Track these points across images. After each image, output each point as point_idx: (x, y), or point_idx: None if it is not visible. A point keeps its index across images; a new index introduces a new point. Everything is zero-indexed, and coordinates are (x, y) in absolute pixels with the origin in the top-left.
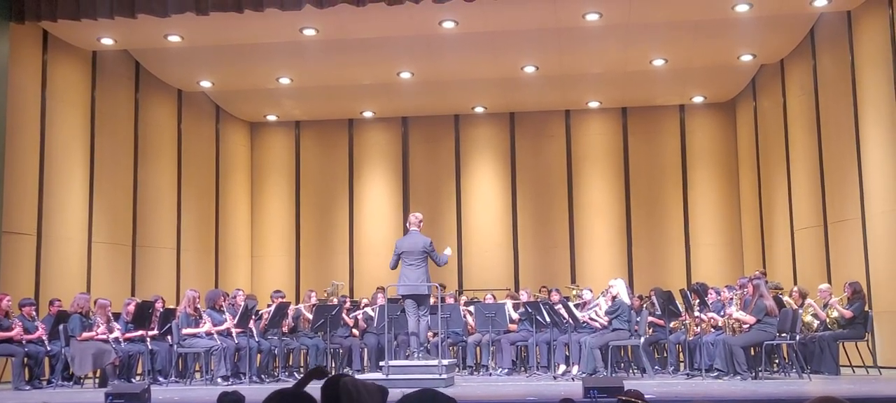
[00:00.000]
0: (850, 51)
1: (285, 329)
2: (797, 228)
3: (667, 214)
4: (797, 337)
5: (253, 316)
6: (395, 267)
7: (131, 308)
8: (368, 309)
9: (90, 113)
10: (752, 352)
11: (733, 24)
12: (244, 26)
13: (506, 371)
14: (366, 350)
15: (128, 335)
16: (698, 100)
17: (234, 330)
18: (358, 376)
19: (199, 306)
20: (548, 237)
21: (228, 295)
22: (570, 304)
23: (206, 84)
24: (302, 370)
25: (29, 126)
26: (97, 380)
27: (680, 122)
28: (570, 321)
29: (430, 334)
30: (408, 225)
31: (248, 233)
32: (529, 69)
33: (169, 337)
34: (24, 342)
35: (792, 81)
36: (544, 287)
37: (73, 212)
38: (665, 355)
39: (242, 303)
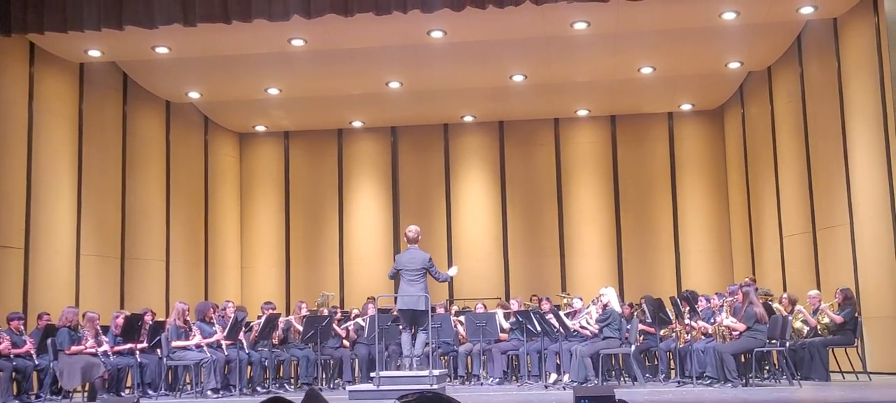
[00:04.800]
0: (836, 57)
1: (275, 340)
2: (786, 235)
3: (656, 222)
4: (787, 344)
5: (243, 328)
6: (393, 277)
7: (120, 321)
8: (359, 320)
9: (78, 125)
10: (743, 359)
11: (720, 31)
12: (232, 37)
13: (497, 380)
14: (357, 360)
15: (117, 348)
16: (686, 107)
17: (223, 342)
18: (349, 387)
19: (188, 318)
20: (538, 245)
21: (218, 307)
22: (561, 313)
23: (194, 95)
24: (292, 381)
25: (16, 138)
26: (86, 394)
27: (668, 130)
28: (561, 329)
29: (423, 348)
30: (406, 238)
31: (238, 245)
32: (518, 78)
33: (158, 350)
34: (11, 356)
35: (779, 88)
36: (535, 295)
37: (61, 225)
38: (656, 363)
39: (232, 315)
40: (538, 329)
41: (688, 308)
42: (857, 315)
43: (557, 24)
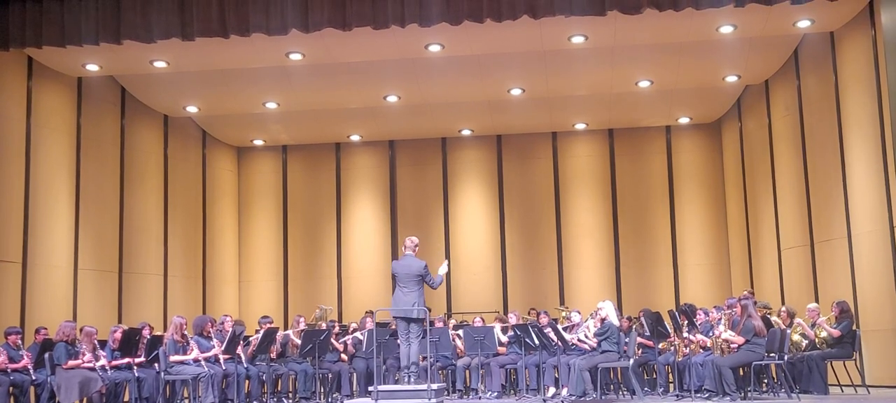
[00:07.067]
0: (833, 71)
1: (273, 354)
2: (784, 248)
3: (654, 235)
4: (785, 357)
5: (241, 342)
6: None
7: (118, 335)
8: (357, 334)
9: (76, 139)
10: (741, 373)
11: (718, 45)
12: (230, 51)
13: (495, 394)
14: (355, 374)
15: (114, 362)
16: (684, 120)
17: (221, 357)
18: (347, 401)
19: (186, 332)
20: (536, 259)
21: (216, 322)
22: (559, 326)
23: (192, 109)
24: (290, 396)
25: (14, 152)
26: None
27: (666, 143)
28: (559, 343)
29: (419, 358)
30: (403, 248)
31: (236, 258)
32: (516, 91)
33: (156, 365)
34: (9, 371)
35: (777, 102)
36: (533, 309)
37: (58, 239)
38: (654, 376)
39: (230, 329)
40: (536, 342)
41: (686, 321)
42: (855, 328)
43: (555, 37)
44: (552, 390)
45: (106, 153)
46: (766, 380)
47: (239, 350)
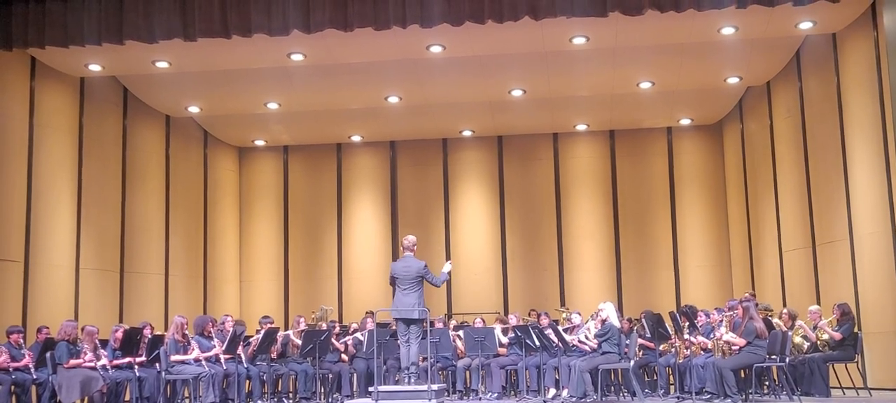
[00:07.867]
0: (835, 72)
1: (274, 355)
2: (785, 250)
3: (655, 236)
4: (787, 359)
5: (241, 342)
6: (393, 283)
7: (119, 334)
8: (358, 334)
9: (78, 139)
10: (743, 375)
11: (719, 46)
12: (232, 52)
13: (495, 395)
14: (355, 375)
15: (115, 362)
16: (685, 122)
17: (222, 357)
18: (348, 402)
19: (187, 332)
20: (537, 260)
21: (217, 321)
22: (560, 328)
23: (193, 109)
24: (291, 396)
25: (16, 152)
26: None
27: (667, 145)
28: (560, 344)
29: (419, 359)
30: (402, 248)
31: (237, 259)
32: (517, 92)
33: (157, 364)
34: (10, 370)
35: (778, 103)
36: (533, 310)
37: (60, 239)
38: (655, 378)
39: (231, 329)
40: (537, 343)
41: (687, 323)
42: (856, 330)
43: (556, 38)
44: (553, 391)
45: (108, 153)
46: (767, 382)
47: (239, 350)
